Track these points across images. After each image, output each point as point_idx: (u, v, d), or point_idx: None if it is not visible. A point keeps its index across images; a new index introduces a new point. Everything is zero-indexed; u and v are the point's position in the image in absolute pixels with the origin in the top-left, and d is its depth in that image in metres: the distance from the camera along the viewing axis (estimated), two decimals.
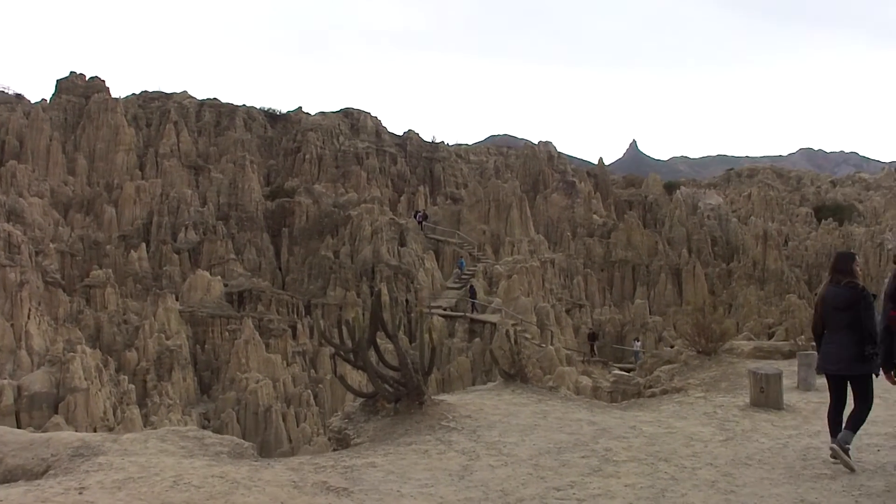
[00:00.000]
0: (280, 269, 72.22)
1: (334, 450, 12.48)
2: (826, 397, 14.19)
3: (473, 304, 59.64)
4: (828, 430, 9.84)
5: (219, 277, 65.45)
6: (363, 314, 13.66)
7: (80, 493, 7.88)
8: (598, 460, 9.66)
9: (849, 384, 9.67)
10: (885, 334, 8.85)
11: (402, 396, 12.53)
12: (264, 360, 56.51)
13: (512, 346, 15.38)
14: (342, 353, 12.73)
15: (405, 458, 9.74)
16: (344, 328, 12.87)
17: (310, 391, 55.30)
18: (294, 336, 62.37)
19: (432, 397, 12.99)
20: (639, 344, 61.91)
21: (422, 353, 12.92)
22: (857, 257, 9.88)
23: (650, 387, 20.38)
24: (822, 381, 15.81)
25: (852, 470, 9.21)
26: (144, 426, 44.84)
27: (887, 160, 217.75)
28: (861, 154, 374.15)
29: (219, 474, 8.55)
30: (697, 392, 15.25)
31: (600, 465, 9.48)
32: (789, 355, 22.45)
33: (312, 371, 59.20)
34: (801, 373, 15.39)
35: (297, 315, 65.02)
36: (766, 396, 13.02)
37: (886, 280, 9.17)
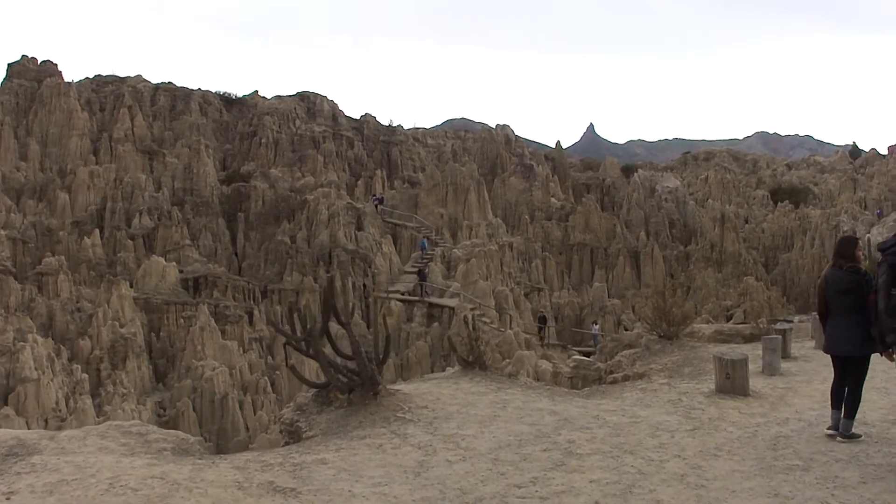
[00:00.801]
0: (236, 255, 71.27)
1: (286, 443, 11.95)
2: (791, 381, 14.09)
3: (423, 287, 59.22)
4: (794, 416, 10.46)
5: (174, 263, 64.40)
6: (319, 300, 13.11)
7: (8, 499, 7.32)
8: (561, 453, 9.19)
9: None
10: (875, 317, 9.05)
11: (356, 387, 12.01)
12: (220, 347, 55.69)
13: (470, 332, 14.92)
14: (293, 342, 12.17)
15: (358, 453, 9.23)
16: (295, 316, 12.32)
17: (267, 378, 54.60)
18: (251, 322, 61.58)
19: (387, 387, 12.49)
20: (597, 327, 61.83)
21: (376, 341, 12.48)
22: (859, 242, 10.06)
23: (611, 372, 20.01)
24: (786, 366, 15.59)
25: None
26: (97, 417, 43.99)
27: (841, 143, 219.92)
28: (815, 138, 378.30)
29: (159, 475, 7.99)
30: (661, 378, 14.85)
31: (563, 458, 9.01)
32: (750, 338, 22.22)
33: (269, 358, 58.47)
34: (765, 357, 15.06)
35: (254, 301, 64.23)
36: (732, 382, 12.64)
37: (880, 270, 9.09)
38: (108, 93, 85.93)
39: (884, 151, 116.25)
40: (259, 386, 53.41)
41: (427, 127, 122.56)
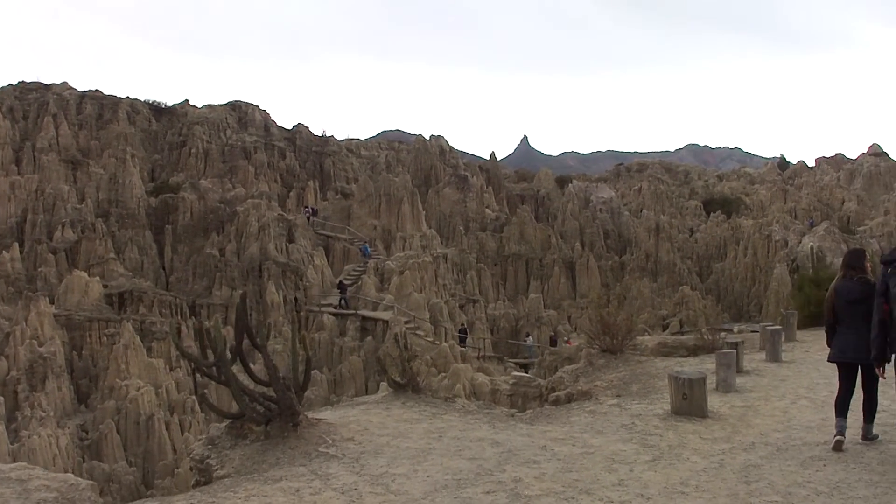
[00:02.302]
0: (164, 269, 69.04)
1: (196, 482, 10.61)
2: (749, 399, 13.08)
3: (342, 300, 58.11)
4: (760, 441, 10.15)
5: (97, 278, 62.00)
6: (236, 318, 11.70)
7: None
8: (507, 496, 7.94)
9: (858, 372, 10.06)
10: (880, 328, 9.18)
11: (273, 417, 10.72)
12: (146, 366, 53.54)
13: (402, 351, 13.65)
14: (203, 367, 10.83)
15: (271, 500, 7.93)
16: (205, 337, 10.98)
17: (194, 397, 52.66)
18: (178, 339, 59.59)
19: (309, 416, 11.19)
20: (531, 339, 61.08)
21: (295, 365, 11.11)
22: (867, 254, 10.53)
23: (553, 389, 18.93)
24: (740, 381, 14.58)
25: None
26: (12, 443, 41.79)
27: (769, 156, 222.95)
28: (745, 150, 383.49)
29: None
30: (609, 398, 13.74)
31: (509, 502, 7.80)
32: (694, 350, 21.35)
33: (198, 376, 56.41)
34: (719, 373, 14.03)
35: (182, 316, 62.14)
36: (690, 403, 11.55)
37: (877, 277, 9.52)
38: (31, 100, 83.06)
39: (811, 163, 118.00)
40: (187, 405, 51.43)
41: (362, 138, 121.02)
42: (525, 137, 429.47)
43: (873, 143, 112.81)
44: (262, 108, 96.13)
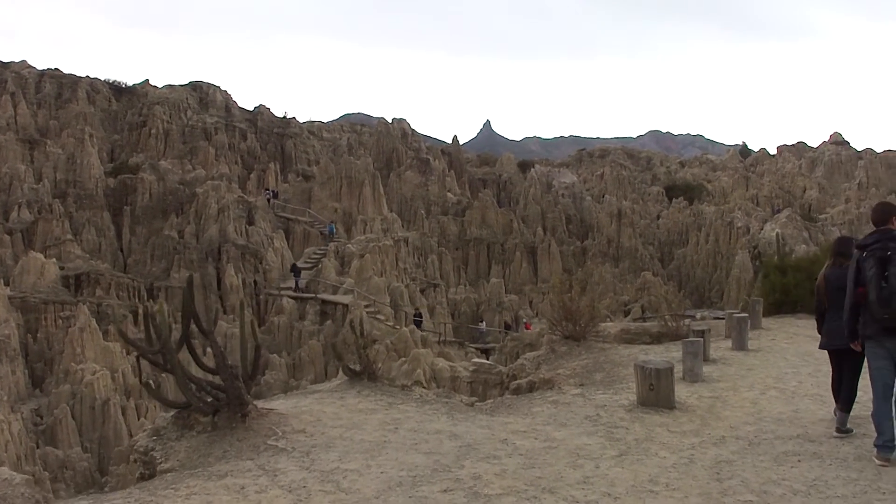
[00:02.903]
0: (122, 251, 67.98)
1: (140, 475, 10.05)
2: (717, 389, 12.70)
3: (297, 282, 57.56)
4: (731, 434, 9.95)
5: (54, 260, 60.88)
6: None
7: None
8: (465, 495, 7.41)
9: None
10: (852, 312, 9.19)
11: (221, 407, 10.17)
12: (102, 349, 52.56)
13: (358, 338, 13.10)
14: (147, 354, 10.24)
15: (214, 500, 7.39)
16: (150, 322, 10.38)
17: (151, 381, 51.68)
18: (135, 322, 58.44)
19: (259, 406, 10.64)
20: (483, 324, 60.81)
21: (244, 353, 10.55)
22: (854, 241, 10.37)
23: (514, 377, 18.49)
24: (707, 370, 14.20)
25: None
26: None
27: (731, 143, 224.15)
28: (707, 137, 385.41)
29: None
30: (572, 387, 13.28)
31: (468, 502, 7.30)
32: (658, 337, 21.03)
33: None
34: (686, 362, 13.61)
35: (139, 299, 61.08)
36: (657, 394, 11.10)
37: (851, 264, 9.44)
38: None
39: (773, 151, 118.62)
40: (143, 390, 50.59)
41: (324, 121, 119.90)
42: (488, 122, 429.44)
43: (835, 132, 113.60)
44: (223, 88, 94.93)
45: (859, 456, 8.87)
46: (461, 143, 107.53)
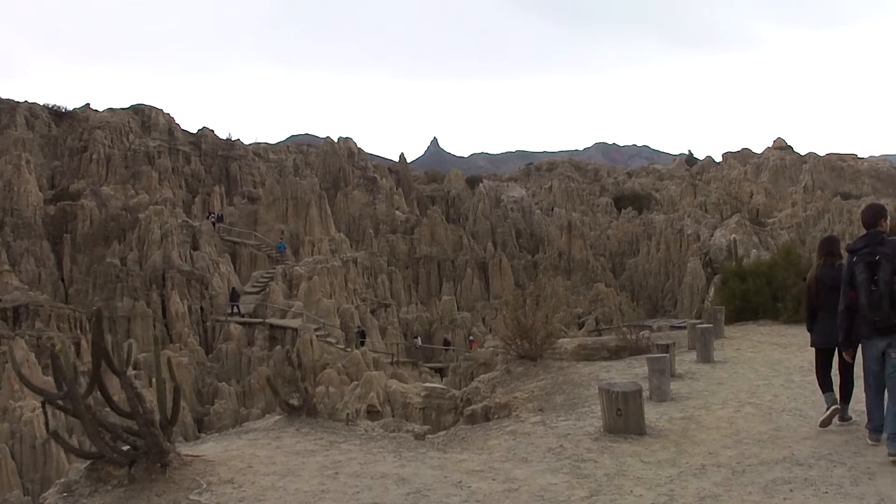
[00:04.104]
0: (62, 280, 65.96)
1: None
2: (687, 408, 11.70)
3: (234, 307, 57.09)
4: (711, 462, 9.08)
5: None
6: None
7: None
8: None
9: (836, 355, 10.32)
10: (846, 315, 9.37)
11: (138, 457, 8.97)
12: (42, 385, 50.68)
13: (294, 370, 11.94)
14: (50, 399, 9.02)
15: None
16: (53, 361, 9.16)
17: (57, 429, 49.79)
18: (78, 354, 56.61)
19: (183, 453, 9.45)
20: (419, 340, 59.92)
21: (160, 394, 9.36)
22: (840, 240, 10.89)
23: (469, 401, 17.41)
24: (675, 388, 13.19)
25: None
26: None
27: (676, 152, 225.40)
28: (652, 147, 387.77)
29: None
30: (531, 414, 12.19)
31: None
32: (616, 351, 20.13)
33: (98, 393, 53.70)
34: (653, 380, 12.57)
35: (81, 330, 59.23)
36: (625, 420, 10.04)
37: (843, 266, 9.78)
38: None
39: (718, 158, 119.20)
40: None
41: (271, 143, 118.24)
42: (435, 139, 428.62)
43: (778, 137, 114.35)
44: (165, 111, 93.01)
45: (855, 479, 7.93)
46: (409, 160, 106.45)
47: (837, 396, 10.28)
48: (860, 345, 9.41)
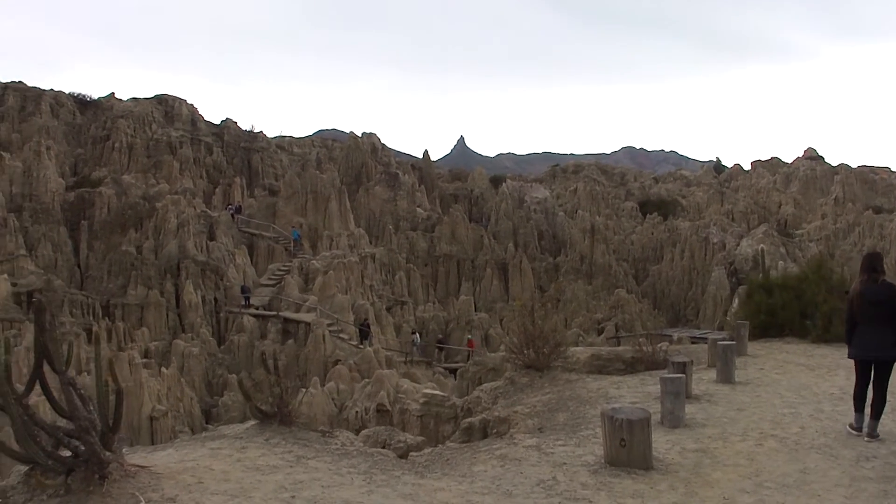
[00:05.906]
0: (79, 266, 65.47)
1: None
2: (702, 438, 10.46)
3: (247, 300, 56.59)
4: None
5: (6, 276, 58.36)
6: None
7: None
8: None
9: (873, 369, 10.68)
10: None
11: (77, 466, 7.91)
12: (50, 370, 50.03)
13: (270, 376, 10.84)
14: None
15: None
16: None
17: None
18: (89, 341, 55.93)
19: (127, 464, 8.36)
20: (417, 337, 58.85)
21: (101, 399, 8.29)
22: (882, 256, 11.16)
23: (469, 411, 16.28)
24: (691, 412, 11.95)
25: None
26: None
27: (704, 159, 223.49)
28: (680, 153, 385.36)
29: None
30: (528, 435, 11.00)
31: None
32: (632, 363, 18.86)
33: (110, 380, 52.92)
34: (665, 404, 11.31)
35: (94, 317, 58.61)
36: (629, 452, 8.85)
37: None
38: None
39: (747, 166, 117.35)
40: None
41: (297, 136, 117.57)
42: (462, 138, 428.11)
43: (809, 147, 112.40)
44: (189, 102, 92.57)
45: None
46: (435, 159, 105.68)
47: (869, 411, 10.49)
48: None
